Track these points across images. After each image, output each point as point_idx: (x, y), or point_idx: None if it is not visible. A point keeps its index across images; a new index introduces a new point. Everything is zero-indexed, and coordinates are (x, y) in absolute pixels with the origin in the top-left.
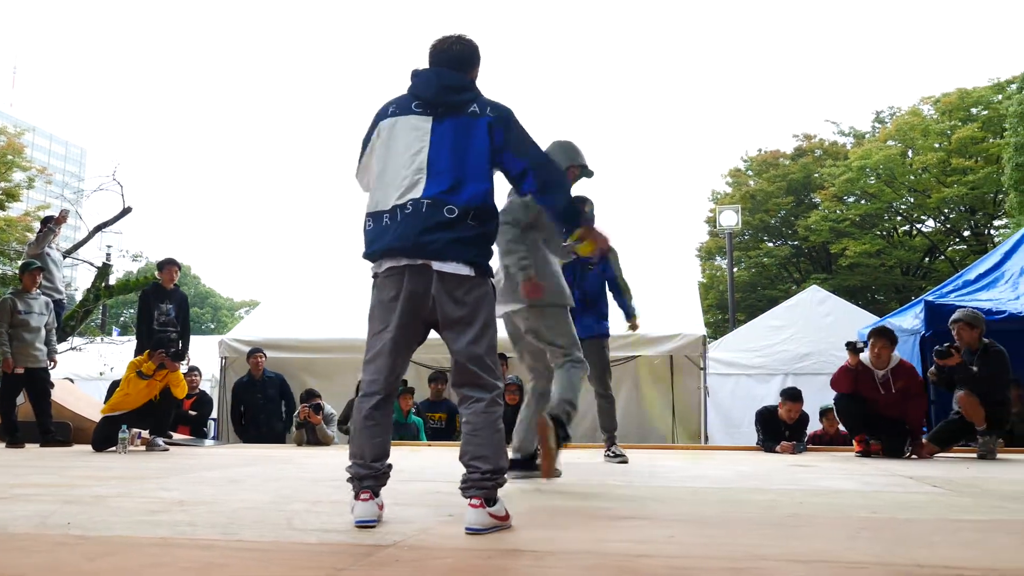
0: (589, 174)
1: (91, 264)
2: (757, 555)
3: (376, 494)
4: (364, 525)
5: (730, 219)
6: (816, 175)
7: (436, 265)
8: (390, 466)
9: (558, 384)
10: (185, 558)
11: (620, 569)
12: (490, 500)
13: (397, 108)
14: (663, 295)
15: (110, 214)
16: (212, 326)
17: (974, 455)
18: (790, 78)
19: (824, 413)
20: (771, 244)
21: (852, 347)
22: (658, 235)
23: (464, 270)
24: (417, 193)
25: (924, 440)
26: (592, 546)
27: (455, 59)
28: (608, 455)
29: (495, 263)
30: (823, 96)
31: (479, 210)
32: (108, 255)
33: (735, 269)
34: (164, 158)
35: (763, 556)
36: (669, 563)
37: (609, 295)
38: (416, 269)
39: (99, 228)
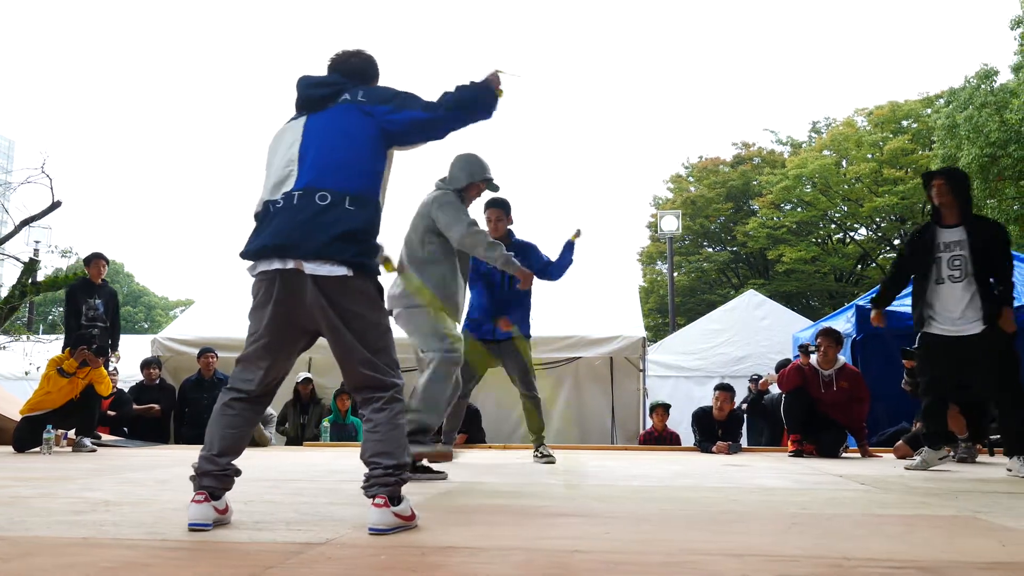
0: (495, 188)
1: (17, 259)
2: (691, 550)
3: (215, 496)
4: (196, 528)
5: (671, 224)
6: (754, 182)
7: (308, 268)
8: (237, 470)
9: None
10: (106, 558)
11: (553, 564)
12: (394, 499)
13: (287, 121)
14: (604, 298)
15: (38, 208)
16: (146, 326)
17: (949, 455)
18: (730, 87)
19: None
20: (711, 249)
21: (804, 349)
22: (600, 239)
23: (340, 271)
24: (289, 186)
25: (900, 442)
26: (527, 542)
27: (353, 70)
28: (536, 456)
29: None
30: (762, 105)
31: (356, 196)
32: (36, 250)
33: (676, 274)
34: (96, 152)
35: (697, 551)
36: (603, 558)
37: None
38: (287, 275)
39: (26, 222)
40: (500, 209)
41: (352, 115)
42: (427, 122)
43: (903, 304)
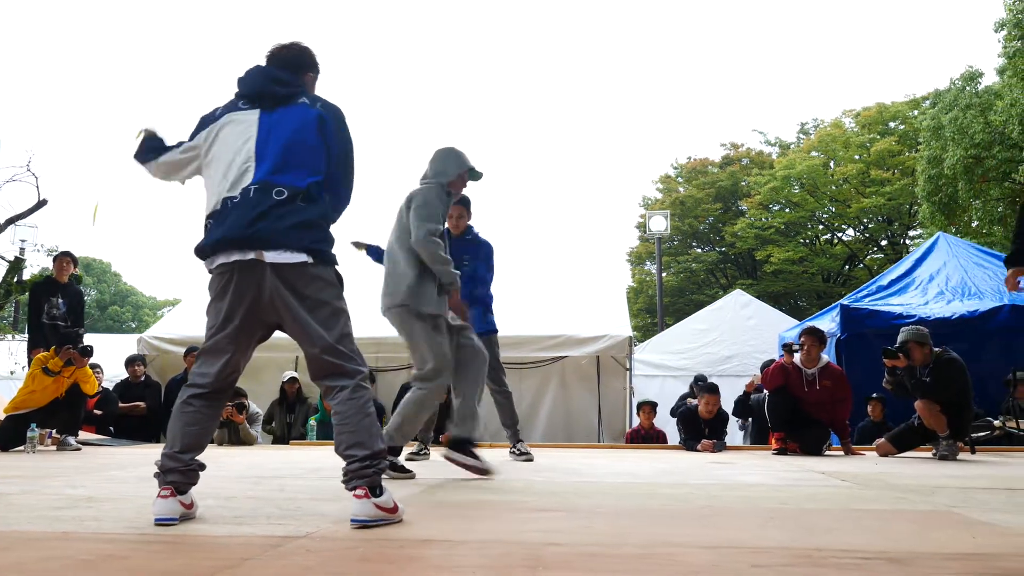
0: (477, 176)
1: (3, 258)
2: (668, 542)
3: (180, 492)
4: (163, 523)
5: (660, 224)
6: (743, 183)
7: (269, 256)
8: (201, 465)
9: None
10: (85, 551)
11: (530, 556)
12: (375, 489)
13: (224, 110)
14: (591, 297)
15: (24, 206)
16: (133, 325)
17: (929, 454)
18: (719, 88)
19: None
20: (699, 250)
21: (788, 348)
22: (589, 239)
23: (300, 258)
24: (246, 181)
25: (882, 440)
26: (506, 536)
27: (288, 62)
28: (513, 452)
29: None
30: (750, 106)
31: (308, 194)
32: (22, 249)
33: (664, 274)
34: (83, 149)
35: (673, 543)
36: (580, 550)
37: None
38: (246, 266)
39: (12, 221)
40: (462, 206)
41: (310, 119)
42: (341, 179)
43: (886, 303)
